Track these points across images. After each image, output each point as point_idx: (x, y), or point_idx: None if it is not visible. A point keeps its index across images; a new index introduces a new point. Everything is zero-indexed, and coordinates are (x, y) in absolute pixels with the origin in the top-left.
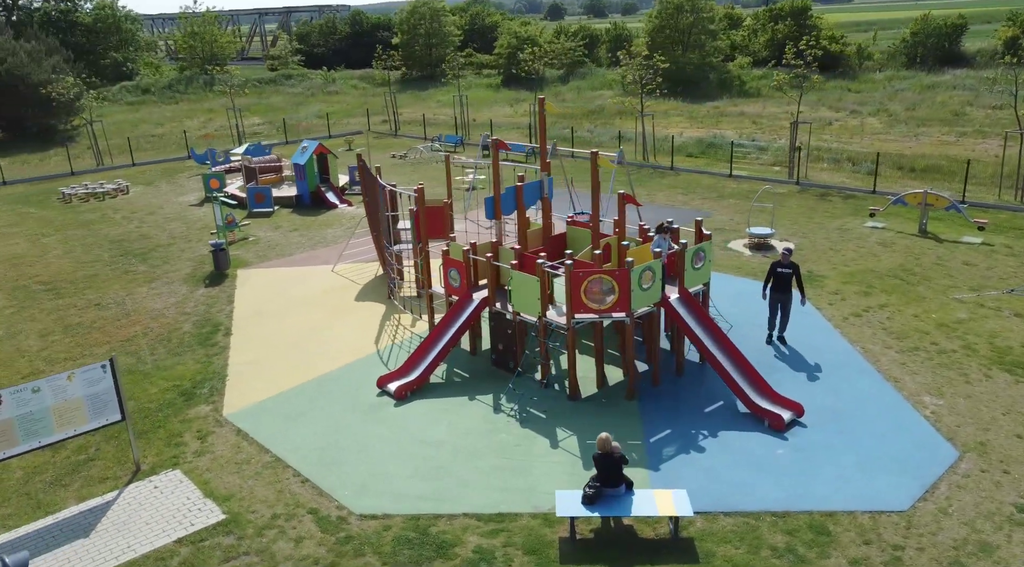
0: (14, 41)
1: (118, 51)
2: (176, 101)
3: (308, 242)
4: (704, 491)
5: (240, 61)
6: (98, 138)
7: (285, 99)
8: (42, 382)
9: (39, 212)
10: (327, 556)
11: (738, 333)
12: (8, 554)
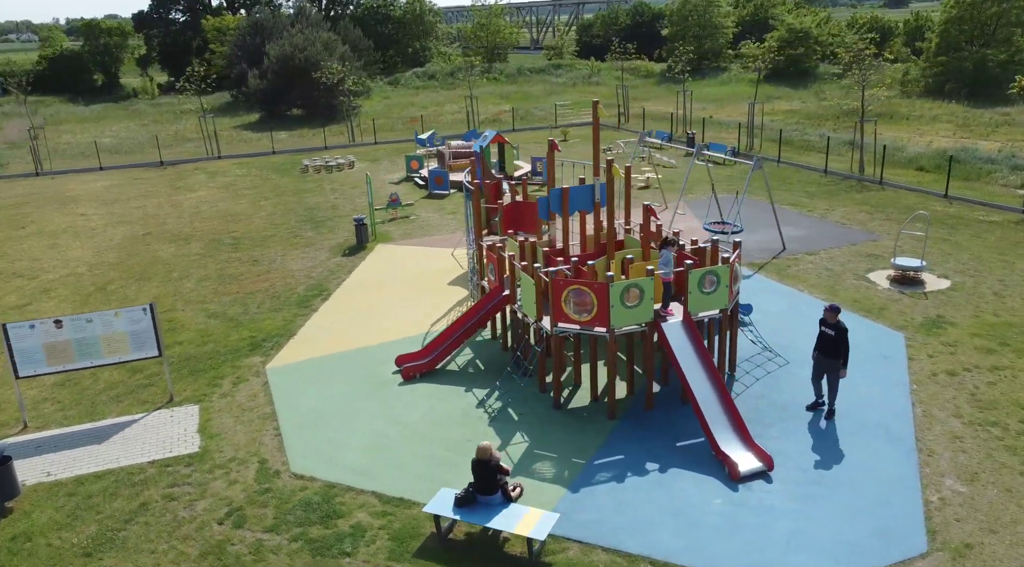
0: (314, 33)
1: (418, 41)
2: (453, 87)
3: (458, 225)
4: (601, 522)
5: (530, 50)
6: (358, 118)
7: (545, 88)
8: (94, 315)
9: (278, 179)
10: (238, 500)
11: (767, 368)
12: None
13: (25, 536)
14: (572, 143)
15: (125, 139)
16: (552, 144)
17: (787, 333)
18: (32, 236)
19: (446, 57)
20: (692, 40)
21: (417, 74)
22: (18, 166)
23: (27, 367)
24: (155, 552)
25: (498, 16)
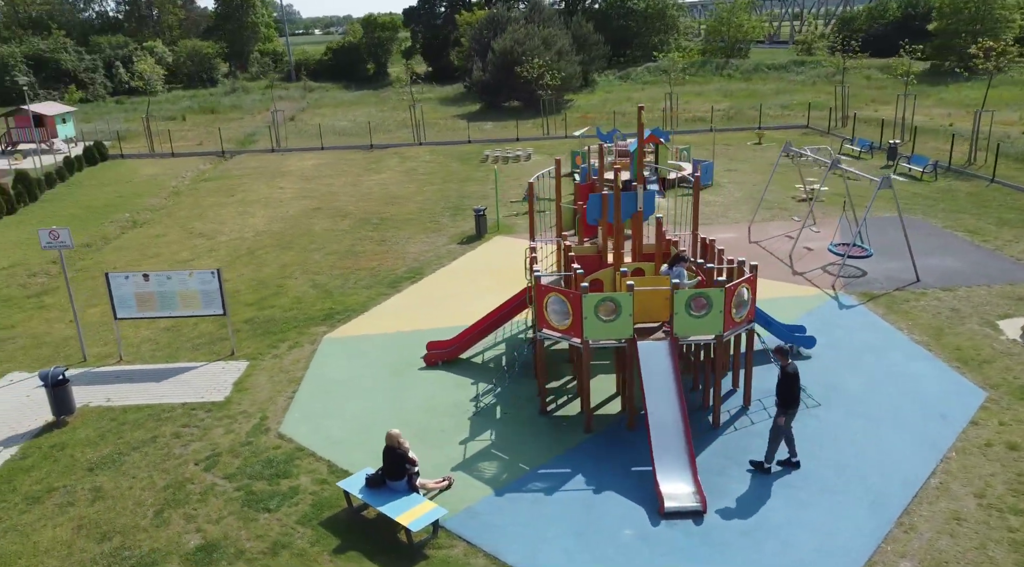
0: (535, 28)
1: (657, 36)
2: (683, 83)
3: None
4: (502, 529)
5: (779, 44)
6: (564, 112)
7: (777, 86)
8: (173, 273)
9: (456, 166)
10: (222, 447)
11: None
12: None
13: (60, 445)
14: (765, 147)
15: (360, 123)
16: (596, 148)
17: (843, 374)
18: (234, 204)
19: (685, 52)
20: (966, 36)
21: (648, 69)
22: (264, 142)
23: (123, 311)
24: (135, 478)
25: (743, 10)
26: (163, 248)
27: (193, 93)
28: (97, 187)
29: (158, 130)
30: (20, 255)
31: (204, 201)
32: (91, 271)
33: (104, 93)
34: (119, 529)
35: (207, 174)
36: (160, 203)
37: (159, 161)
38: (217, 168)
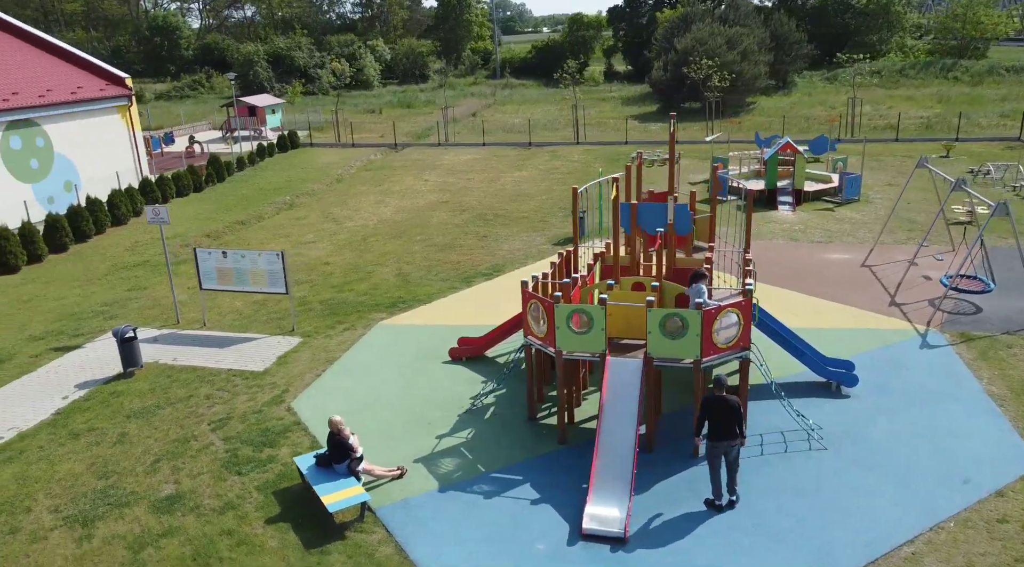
0: (720, 27)
1: (876, 34)
2: (896, 85)
3: None
4: (424, 523)
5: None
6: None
7: (1007, 91)
8: (247, 252)
9: (601, 167)
10: (237, 413)
11: (791, 446)
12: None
13: (116, 393)
14: (952, 160)
15: (534, 121)
16: (639, 155)
17: (875, 420)
18: (376, 193)
19: (909, 52)
20: None
21: (860, 71)
22: (435, 137)
23: (207, 282)
24: (156, 429)
25: (983, 4)
26: (295, 229)
27: (404, 89)
28: (277, 171)
29: (355, 122)
30: (186, 228)
31: (355, 189)
32: (230, 245)
33: (327, 87)
34: (118, 471)
35: (374, 164)
36: (319, 188)
37: (340, 150)
38: (385, 158)
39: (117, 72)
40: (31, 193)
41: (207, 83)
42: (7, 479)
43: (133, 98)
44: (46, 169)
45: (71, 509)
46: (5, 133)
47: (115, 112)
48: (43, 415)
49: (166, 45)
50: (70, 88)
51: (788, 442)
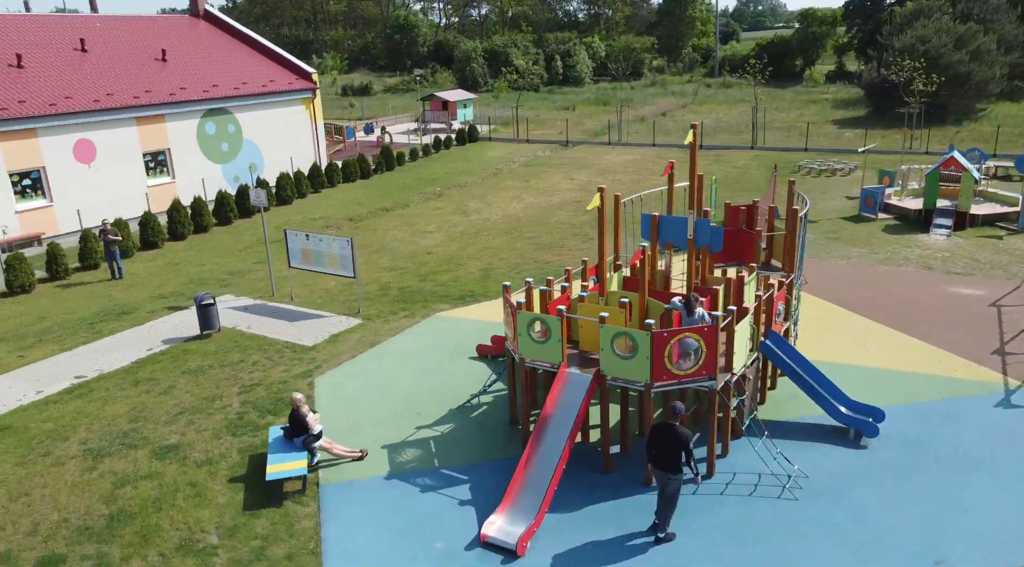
0: (950, 23)
1: None
2: None
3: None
4: (351, 505)
5: None
6: None
7: None
8: (324, 236)
9: (761, 173)
10: (264, 382)
11: (764, 490)
12: (200, 295)
13: (186, 351)
14: None
15: (721, 122)
16: (670, 166)
17: (878, 478)
18: (519, 189)
19: None
20: None
21: None
22: (611, 135)
23: (294, 261)
24: (197, 385)
25: None
26: (424, 219)
27: (615, 86)
28: (444, 163)
29: (545, 118)
30: (334, 211)
31: (502, 183)
32: (360, 229)
33: (538, 83)
34: (146, 418)
35: (536, 160)
36: (471, 181)
37: (512, 145)
38: (550, 155)
39: (307, 68)
40: (220, 172)
41: (431, 78)
42: (68, 411)
43: (317, 91)
44: (235, 152)
45: (94, 444)
46: (202, 119)
47: (300, 103)
48: (124, 362)
49: (404, 42)
50: (262, 81)
51: (759, 486)
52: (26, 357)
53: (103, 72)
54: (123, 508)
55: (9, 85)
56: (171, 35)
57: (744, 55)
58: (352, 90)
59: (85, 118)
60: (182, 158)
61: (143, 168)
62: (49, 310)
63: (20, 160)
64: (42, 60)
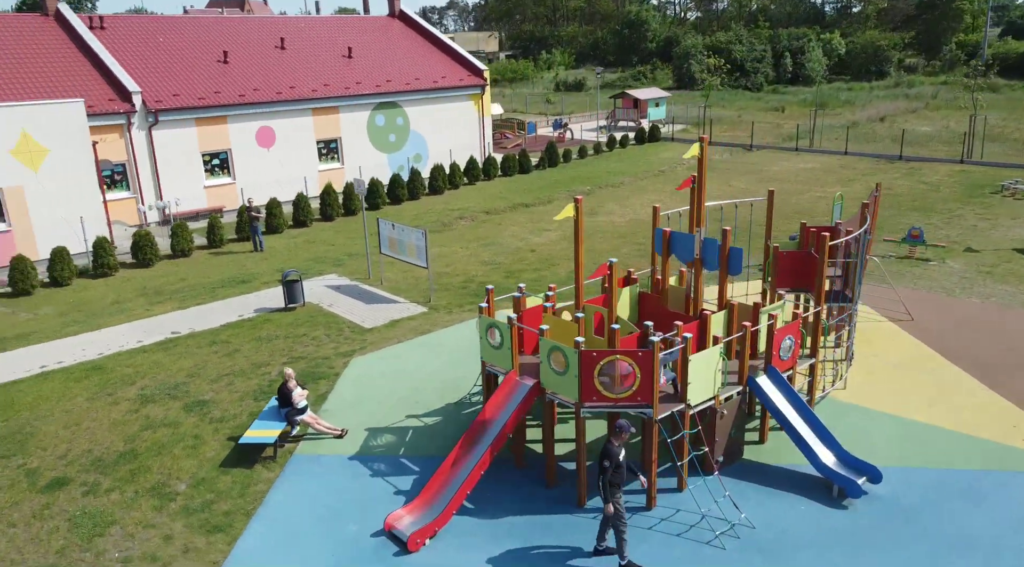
0: None
1: None
2: None
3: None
4: (301, 477)
5: None
6: None
7: None
8: (406, 227)
9: (952, 192)
10: (312, 355)
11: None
12: (288, 272)
13: (266, 321)
14: None
15: (904, 131)
16: (690, 180)
17: (835, 542)
18: (666, 193)
19: None
20: None
21: None
22: (805, 140)
23: (384, 248)
24: (255, 351)
25: None
26: (531, 218)
27: (850, 85)
28: (610, 162)
29: (747, 120)
30: (475, 203)
31: (653, 186)
32: (484, 223)
33: (763, 81)
34: (200, 375)
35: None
36: (627, 181)
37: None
38: (727, 159)
39: (479, 65)
40: (386, 161)
41: (650, 75)
42: (148, 361)
43: (487, 87)
44: (401, 143)
45: (148, 391)
46: (373, 112)
47: (469, 99)
48: (214, 324)
49: (634, 38)
50: (434, 77)
51: (695, 527)
52: (151, 310)
53: (293, 67)
54: (134, 448)
55: (212, 78)
56: (364, 34)
57: (1021, 52)
58: (566, 86)
59: (268, 108)
60: (351, 146)
61: (316, 154)
62: (192, 273)
63: (212, 142)
64: (245, 56)
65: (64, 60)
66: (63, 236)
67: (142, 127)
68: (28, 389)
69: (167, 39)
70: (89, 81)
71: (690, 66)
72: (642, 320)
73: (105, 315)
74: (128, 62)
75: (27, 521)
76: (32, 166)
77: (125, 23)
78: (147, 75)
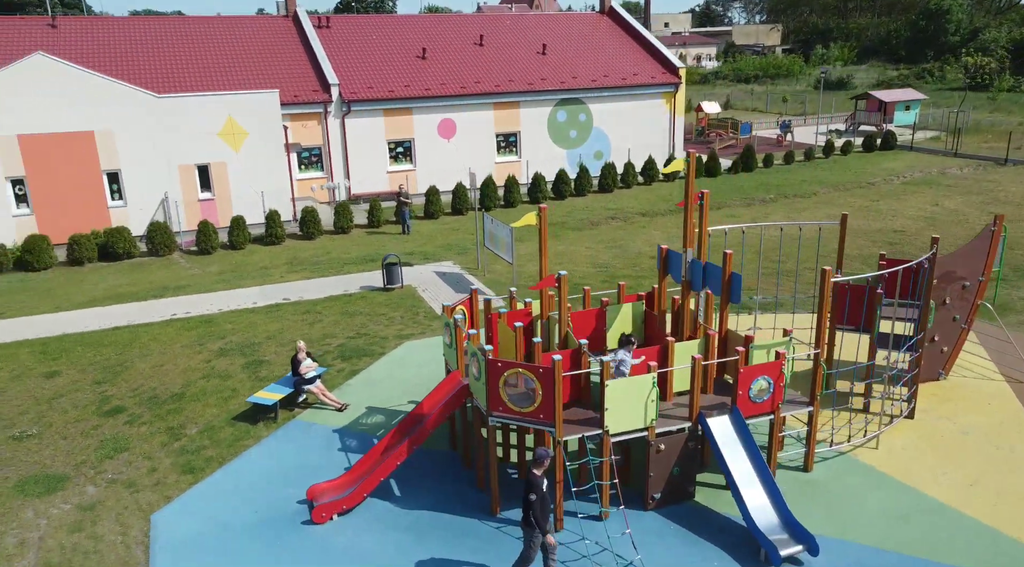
0: None
1: None
2: None
3: None
4: (281, 445)
5: None
6: None
7: None
8: (499, 223)
9: None
10: (371, 333)
11: None
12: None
13: (362, 298)
14: None
15: None
16: (697, 197)
17: None
18: (855, 208)
19: None
20: None
21: None
22: None
23: (486, 241)
24: (335, 324)
25: None
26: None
27: None
28: (817, 170)
29: None
30: (641, 205)
31: (845, 200)
32: (637, 225)
33: None
34: (277, 339)
35: (928, 178)
36: (822, 192)
37: (930, 158)
38: (970, 173)
39: (677, 63)
40: (564, 156)
41: (937, 73)
42: (248, 320)
43: (681, 86)
44: (582, 139)
45: (229, 346)
46: (555, 107)
47: (660, 97)
48: (319, 295)
49: (931, 30)
50: (624, 74)
51: (584, 558)
52: (285, 278)
53: (482, 63)
54: (184, 393)
55: (406, 72)
56: (567, 30)
57: None
58: (830, 84)
59: (451, 101)
60: (530, 140)
61: (495, 146)
62: (339, 248)
63: (397, 132)
64: (441, 53)
65: (290, 54)
66: (251, 207)
67: (337, 115)
68: (151, 331)
69: (379, 37)
70: (302, 73)
71: (979, 64)
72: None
73: (249, 277)
74: (337, 57)
75: (75, 437)
76: (234, 146)
77: (346, 23)
78: (349, 69)
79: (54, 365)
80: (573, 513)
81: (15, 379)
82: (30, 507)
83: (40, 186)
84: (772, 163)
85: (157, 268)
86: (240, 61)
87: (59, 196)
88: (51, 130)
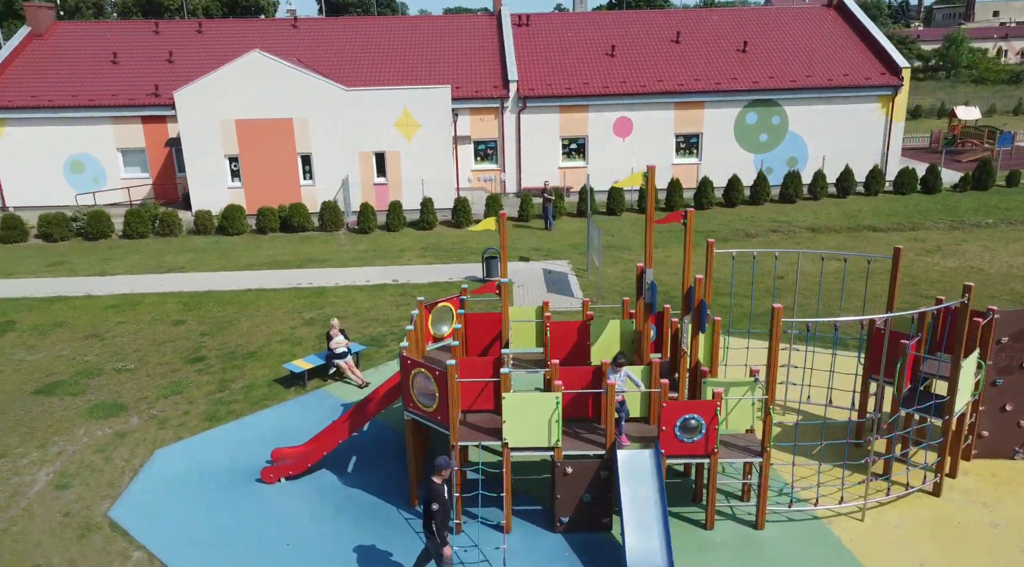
0: None
1: None
2: None
3: None
4: (295, 411)
5: None
6: None
7: None
8: (596, 227)
9: None
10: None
11: None
12: None
13: (453, 289)
14: None
15: None
16: None
17: None
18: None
19: None
20: None
21: None
22: None
23: (588, 245)
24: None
25: None
26: (837, 243)
27: None
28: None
29: None
30: (818, 220)
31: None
32: (789, 242)
33: None
34: (356, 311)
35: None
36: (991, 221)
37: None
38: None
39: (901, 63)
40: (751, 161)
41: None
42: (349, 296)
43: (903, 89)
44: (774, 143)
45: (318, 317)
46: (743, 109)
47: (874, 101)
48: (421, 281)
49: None
50: (831, 75)
51: (463, 563)
52: (411, 261)
53: (671, 61)
54: (256, 352)
55: (588, 70)
56: (780, 25)
57: None
58: None
59: (629, 99)
60: (713, 142)
61: (673, 147)
62: (477, 239)
63: (571, 129)
64: (632, 50)
65: (484, 52)
66: (416, 194)
67: (513, 111)
68: (269, 296)
69: (574, 34)
70: (490, 69)
71: None
72: None
73: (383, 258)
74: (526, 54)
75: (156, 376)
76: (407, 137)
77: (545, 21)
78: (533, 66)
79: (185, 315)
80: (476, 518)
81: (151, 323)
82: (85, 426)
83: (249, 163)
84: (1019, 181)
85: (319, 242)
86: (440, 58)
87: (263, 173)
88: (260, 117)
